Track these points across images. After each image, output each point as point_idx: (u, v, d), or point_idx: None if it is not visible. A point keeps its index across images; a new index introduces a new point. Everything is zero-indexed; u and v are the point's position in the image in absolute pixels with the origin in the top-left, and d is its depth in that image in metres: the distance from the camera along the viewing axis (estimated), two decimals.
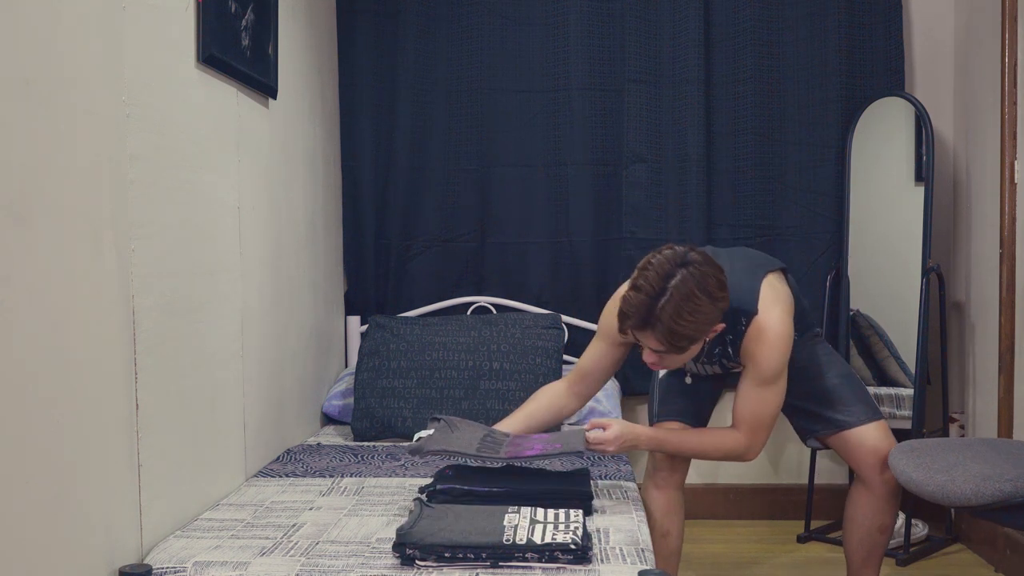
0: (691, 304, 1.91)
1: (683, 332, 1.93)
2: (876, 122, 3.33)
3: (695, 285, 1.91)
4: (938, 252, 3.33)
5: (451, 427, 2.06)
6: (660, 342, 1.96)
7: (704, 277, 1.93)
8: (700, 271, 1.94)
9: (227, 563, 1.64)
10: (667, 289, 1.91)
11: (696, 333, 1.95)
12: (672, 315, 1.91)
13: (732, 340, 2.15)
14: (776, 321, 2.09)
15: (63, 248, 1.49)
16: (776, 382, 2.13)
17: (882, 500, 2.31)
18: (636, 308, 1.94)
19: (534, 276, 3.43)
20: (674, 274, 1.93)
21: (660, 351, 2.00)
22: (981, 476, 1.93)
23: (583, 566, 1.59)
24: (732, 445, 2.16)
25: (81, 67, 1.55)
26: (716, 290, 1.95)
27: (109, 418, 1.62)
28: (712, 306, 1.94)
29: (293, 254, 2.73)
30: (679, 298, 1.91)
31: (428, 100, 3.41)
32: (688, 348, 1.99)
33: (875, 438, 2.29)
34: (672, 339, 1.94)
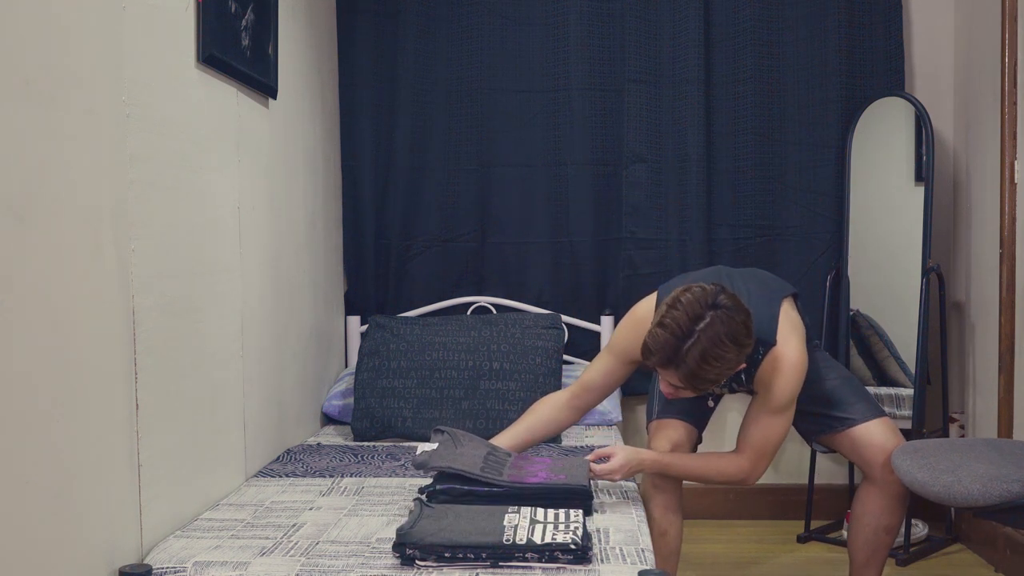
0: (717, 351, 1.90)
1: (707, 376, 1.94)
2: (876, 122, 3.33)
3: (724, 331, 1.90)
4: (938, 252, 3.33)
5: (455, 441, 2.08)
6: (681, 381, 1.97)
7: (733, 323, 1.92)
8: (729, 316, 1.92)
9: (227, 563, 1.64)
10: (695, 332, 1.90)
11: (719, 377, 1.96)
12: (698, 359, 1.90)
13: (747, 369, 2.16)
14: (793, 352, 2.10)
15: (63, 248, 1.48)
16: (787, 411, 2.15)
17: (891, 499, 2.30)
18: (662, 347, 1.93)
19: (534, 276, 3.43)
20: (703, 316, 1.91)
21: (679, 387, 2.01)
22: (987, 477, 1.93)
23: (583, 566, 1.59)
24: (734, 470, 2.17)
25: (81, 67, 1.55)
26: (743, 337, 1.94)
27: (109, 418, 1.62)
28: (738, 353, 1.94)
29: (293, 254, 2.73)
30: (706, 342, 1.89)
31: (428, 100, 3.41)
32: (709, 388, 2.02)
33: (881, 434, 2.29)
34: (694, 381, 1.95)
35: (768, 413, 2.14)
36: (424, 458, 2.00)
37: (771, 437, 2.15)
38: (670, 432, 2.36)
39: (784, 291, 2.22)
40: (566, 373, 3.14)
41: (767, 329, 2.11)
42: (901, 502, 2.31)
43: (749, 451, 2.16)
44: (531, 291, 3.44)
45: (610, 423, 3.05)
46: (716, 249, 3.40)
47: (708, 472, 2.20)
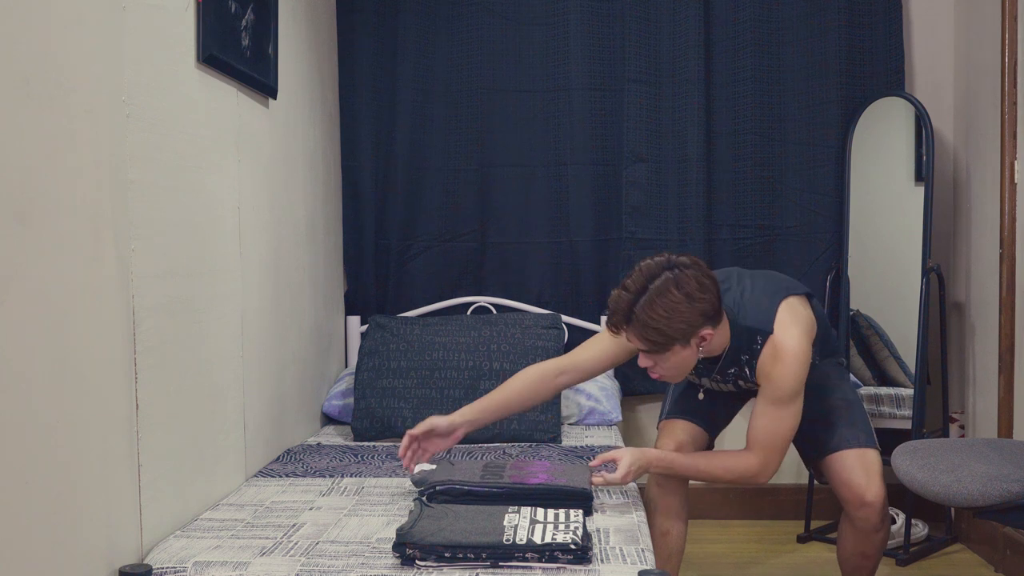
0: (665, 300, 1.94)
1: (655, 326, 1.94)
2: (876, 122, 3.33)
3: (673, 284, 1.95)
4: (938, 252, 3.33)
5: (452, 463, 2.10)
6: (639, 339, 1.99)
7: (685, 278, 1.96)
8: (683, 273, 1.97)
9: (227, 563, 1.64)
10: (648, 289, 1.95)
11: (670, 329, 1.95)
12: (645, 308, 1.94)
13: (748, 360, 2.14)
14: (792, 340, 2.08)
15: (63, 248, 1.49)
16: (791, 403, 2.09)
17: (864, 534, 2.23)
18: (616, 304, 1.99)
19: (534, 276, 3.43)
20: (659, 275, 1.96)
21: (644, 351, 2.02)
22: (987, 476, 1.93)
23: (583, 566, 1.59)
24: (744, 467, 2.12)
25: (81, 67, 1.55)
26: (695, 291, 1.96)
27: (109, 418, 1.62)
28: (688, 305, 1.95)
29: (293, 254, 2.73)
30: (655, 294, 1.94)
31: (428, 100, 3.41)
32: (668, 348, 1.99)
33: (857, 471, 2.20)
34: (647, 334, 1.96)
35: (771, 404, 2.10)
36: (422, 476, 2.02)
37: (777, 430, 2.10)
38: (677, 432, 2.36)
39: (792, 289, 2.20)
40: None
41: (765, 319, 2.10)
42: (873, 536, 2.23)
43: (756, 446, 2.11)
44: (531, 291, 3.44)
45: (610, 423, 3.05)
46: (716, 249, 3.40)
47: (715, 470, 2.15)
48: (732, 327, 2.12)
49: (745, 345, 2.13)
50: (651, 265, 1.99)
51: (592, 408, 3.06)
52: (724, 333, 2.12)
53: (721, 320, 2.08)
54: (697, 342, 2.02)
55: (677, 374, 2.11)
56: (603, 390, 3.10)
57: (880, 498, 2.19)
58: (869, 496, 2.18)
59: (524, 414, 2.80)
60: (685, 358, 2.04)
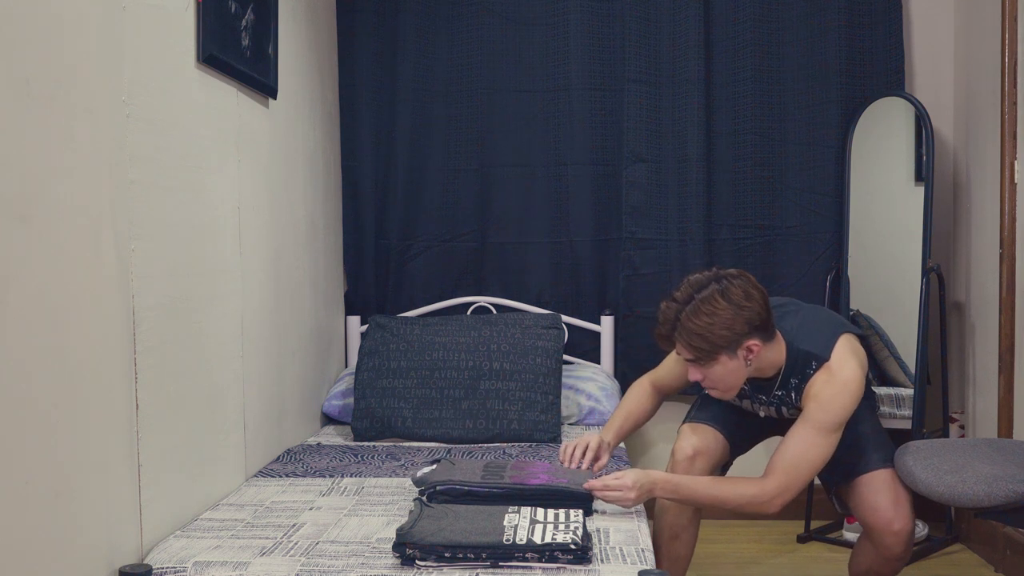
0: (708, 306, 1.96)
1: (699, 332, 1.96)
2: (876, 122, 3.33)
3: (719, 293, 1.98)
4: (938, 252, 3.33)
5: (453, 463, 2.10)
6: (686, 347, 2.01)
7: (730, 287, 1.99)
8: (730, 283, 1.99)
9: (227, 563, 1.64)
10: (694, 299, 1.99)
11: (714, 337, 1.96)
12: (689, 314, 1.97)
13: (797, 384, 2.11)
14: (850, 371, 2.04)
15: (63, 248, 1.49)
16: (831, 433, 2.01)
17: (885, 561, 2.18)
18: (665, 315, 2.02)
19: (534, 276, 3.43)
20: (706, 286, 2.00)
21: (691, 360, 2.04)
22: (992, 477, 1.93)
23: (583, 566, 1.59)
24: (755, 491, 2.01)
25: (81, 67, 1.55)
26: (740, 299, 1.97)
27: (109, 418, 1.62)
28: (731, 311, 1.96)
29: (293, 254, 2.73)
30: (699, 303, 1.97)
31: (428, 100, 3.41)
32: (715, 357, 1.99)
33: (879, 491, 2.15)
34: (692, 341, 1.98)
35: (810, 428, 2.00)
36: (424, 476, 2.02)
37: (807, 456, 2.00)
38: (696, 437, 2.28)
39: (851, 328, 2.16)
40: (566, 373, 3.15)
41: (824, 345, 2.07)
42: (895, 562, 2.19)
43: (778, 470, 2.01)
44: (531, 291, 3.44)
45: None
46: (716, 249, 3.40)
47: (724, 493, 2.04)
48: (788, 349, 2.10)
49: (799, 368, 2.10)
50: (700, 278, 2.03)
51: (592, 408, 3.06)
52: (778, 352, 2.10)
53: (774, 337, 2.07)
54: (744, 354, 2.01)
55: (727, 387, 2.09)
56: (603, 390, 3.10)
57: (907, 528, 2.13)
58: (897, 526, 2.13)
59: (524, 414, 2.80)
60: (733, 370, 2.03)
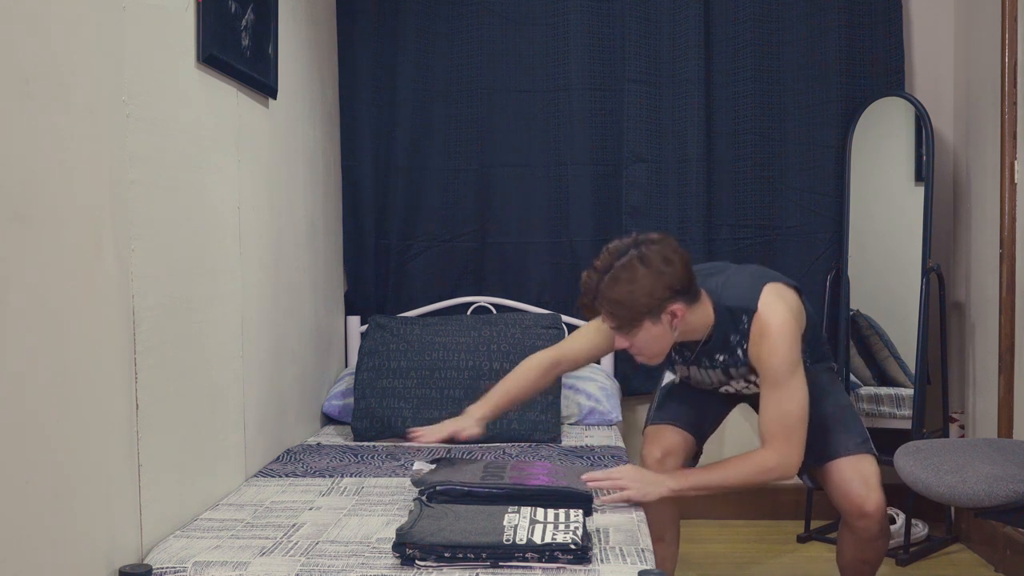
0: (628, 273, 1.97)
1: (619, 300, 1.97)
2: (876, 122, 3.33)
3: (637, 259, 1.98)
4: (938, 252, 3.33)
5: (452, 463, 2.10)
6: (608, 317, 2.02)
7: (649, 253, 1.98)
8: (648, 248, 1.99)
9: (227, 563, 1.64)
10: (613, 266, 1.99)
11: (635, 303, 1.97)
12: (609, 283, 1.97)
13: (739, 341, 2.13)
14: (778, 316, 2.06)
15: (63, 248, 1.48)
16: (791, 380, 2.04)
17: (865, 542, 2.21)
18: (585, 285, 2.03)
19: (534, 276, 3.43)
20: (625, 253, 2.00)
21: (615, 328, 2.04)
22: (992, 477, 1.92)
23: (583, 566, 1.59)
24: (761, 461, 2.05)
25: (81, 67, 1.55)
26: (659, 263, 1.97)
27: (109, 418, 1.62)
28: (651, 276, 1.96)
29: (293, 254, 2.73)
30: (618, 270, 1.98)
31: (428, 100, 3.41)
32: (638, 324, 2.00)
33: (855, 481, 2.16)
34: (614, 309, 1.99)
35: (772, 388, 2.04)
36: (423, 476, 2.02)
37: (786, 412, 2.03)
38: (664, 438, 2.34)
39: (779, 279, 2.18)
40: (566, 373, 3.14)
41: (748, 297, 2.10)
42: (875, 543, 2.21)
43: (769, 440, 2.04)
44: (531, 291, 3.44)
45: (610, 423, 3.04)
46: (716, 249, 3.40)
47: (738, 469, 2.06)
48: (716, 308, 2.12)
49: (732, 326, 2.11)
50: (619, 245, 2.03)
51: (592, 408, 3.06)
52: (705, 314, 2.11)
53: (698, 299, 2.08)
54: (668, 318, 2.02)
55: (653, 354, 2.10)
56: (603, 390, 3.10)
57: (880, 508, 2.17)
58: (868, 507, 2.16)
59: (524, 414, 2.80)
60: (657, 336, 2.04)
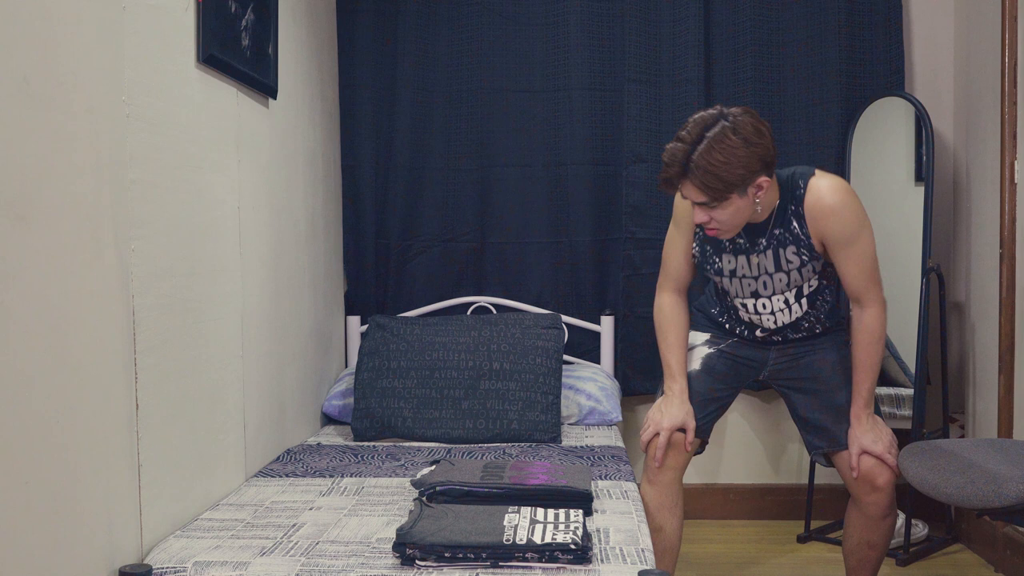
0: (723, 144, 1.97)
1: (715, 172, 1.97)
2: (876, 122, 3.33)
3: (731, 130, 1.98)
4: (938, 252, 3.33)
5: (452, 464, 2.10)
6: (699, 189, 2.01)
7: (741, 124, 2.00)
8: (739, 119, 2.00)
9: (227, 563, 1.64)
10: (704, 138, 1.99)
11: (729, 175, 1.98)
12: (704, 153, 1.97)
13: (795, 210, 2.15)
14: (834, 179, 2.13)
15: (63, 248, 1.49)
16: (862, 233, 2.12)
17: (871, 520, 2.27)
18: (673, 156, 2.02)
19: (534, 276, 3.43)
20: (714, 124, 2.00)
21: (703, 203, 2.04)
22: (1000, 477, 1.92)
23: (583, 566, 1.59)
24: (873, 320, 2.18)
25: (81, 67, 1.55)
26: (752, 135, 1.99)
27: (109, 418, 1.62)
28: (746, 149, 1.98)
29: (293, 254, 2.73)
30: (712, 141, 1.98)
31: (428, 100, 3.41)
32: (727, 196, 2.01)
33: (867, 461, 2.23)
34: (707, 181, 1.98)
35: (847, 246, 2.12)
36: (423, 477, 2.02)
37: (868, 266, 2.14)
38: None
39: None
40: (566, 373, 3.15)
41: (803, 170, 2.16)
42: (881, 523, 2.26)
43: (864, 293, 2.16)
44: (531, 291, 3.44)
45: (610, 423, 3.04)
46: None
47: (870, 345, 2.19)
48: (779, 183, 2.16)
49: (790, 196, 2.14)
50: (705, 116, 2.02)
51: (592, 408, 3.06)
52: (774, 190, 2.15)
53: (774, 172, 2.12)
54: (754, 191, 2.05)
55: (731, 227, 2.12)
56: (603, 390, 3.10)
57: (889, 483, 2.21)
58: (880, 481, 2.20)
59: (524, 414, 2.80)
60: (741, 208, 2.06)
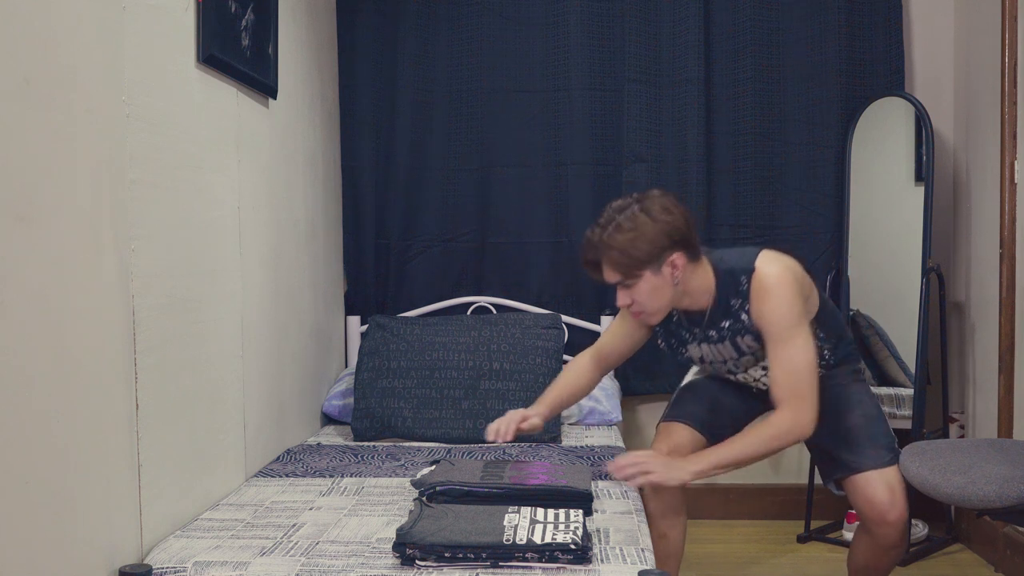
0: (629, 222, 1.98)
1: (623, 248, 1.97)
2: (876, 122, 3.33)
3: (638, 209, 2.00)
4: (938, 252, 3.33)
5: (452, 464, 2.10)
6: (612, 268, 2.02)
7: (649, 203, 2.01)
8: (646, 200, 2.01)
9: (227, 563, 1.64)
10: (615, 220, 2.00)
11: (635, 250, 1.97)
12: (613, 232, 1.98)
13: (741, 304, 2.12)
14: (775, 270, 2.08)
15: (63, 248, 1.49)
16: (795, 335, 2.02)
17: (880, 549, 2.21)
18: (588, 240, 2.03)
19: (534, 276, 3.43)
20: (625, 208, 2.01)
21: (618, 282, 2.04)
22: (1002, 478, 1.91)
23: (583, 566, 1.59)
24: (778, 424, 2.01)
25: (81, 67, 1.55)
26: (659, 212, 1.99)
27: (109, 418, 1.62)
28: (652, 225, 1.98)
29: (293, 254, 2.73)
30: (620, 220, 1.99)
31: (428, 100, 3.41)
32: (639, 273, 2.00)
33: (879, 489, 2.15)
34: (616, 258, 1.99)
35: (777, 345, 2.03)
36: (423, 477, 2.02)
37: (794, 370, 2.00)
38: (671, 436, 2.31)
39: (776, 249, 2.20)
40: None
41: (747, 260, 2.11)
42: (890, 550, 2.20)
43: (781, 399, 2.02)
44: (531, 291, 3.44)
45: (610, 423, 3.05)
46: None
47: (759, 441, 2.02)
48: (716, 273, 2.13)
49: (732, 289, 2.11)
50: (620, 202, 2.05)
51: (592, 408, 3.06)
52: (706, 276, 2.12)
53: (699, 259, 2.10)
54: (669, 270, 2.03)
55: (655, 309, 2.10)
56: (603, 390, 3.10)
57: (902, 518, 2.15)
58: (892, 516, 2.14)
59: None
60: (658, 287, 2.04)
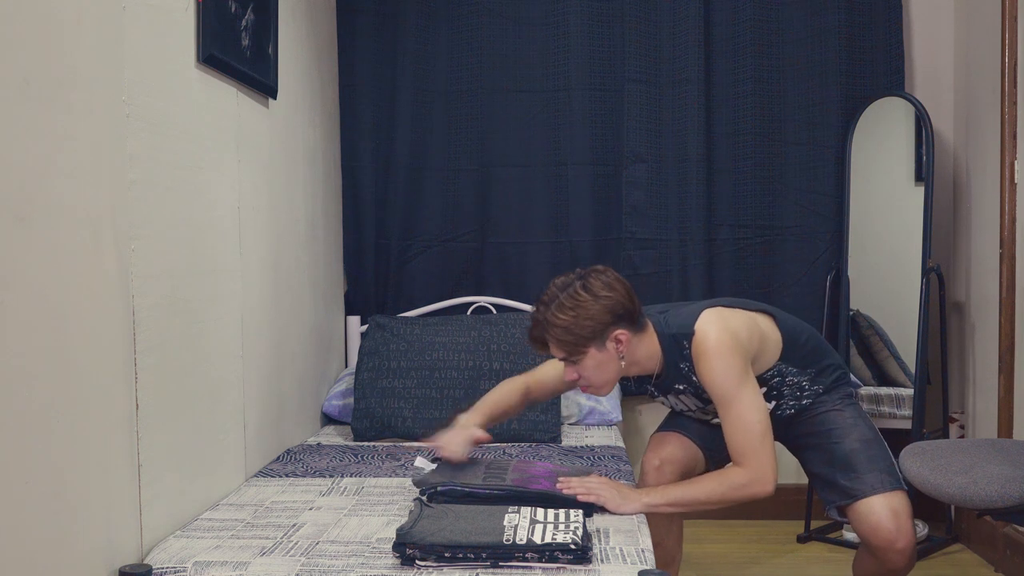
0: (571, 300, 1.99)
1: (565, 326, 1.97)
2: (876, 122, 3.33)
3: (580, 287, 2.00)
4: (938, 252, 3.33)
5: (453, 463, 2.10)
6: (556, 345, 2.02)
7: (591, 280, 2.01)
8: (589, 277, 2.02)
9: (227, 563, 1.64)
10: (557, 297, 2.01)
11: (578, 328, 1.97)
12: (556, 311, 1.99)
13: (688, 368, 2.11)
14: (712, 333, 2.03)
15: (63, 248, 1.48)
16: (740, 395, 2.00)
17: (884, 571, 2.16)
18: (533, 318, 2.04)
19: (534, 276, 3.43)
20: (568, 285, 2.02)
21: (564, 358, 2.05)
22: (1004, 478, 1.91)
23: (583, 566, 1.59)
24: (734, 478, 2.02)
25: (81, 67, 1.55)
26: (600, 289, 2.00)
27: (109, 418, 1.62)
28: (594, 303, 1.98)
29: (293, 254, 2.73)
30: (563, 298, 2.00)
31: (428, 100, 3.41)
32: (583, 350, 2.00)
33: (881, 514, 2.10)
34: (560, 336, 1.99)
35: (725, 407, 2.01)
36: (424, 476, 2.01)
37: (745, 429, 1.99)
38: (664, 447, 2.30)
39: (722, 302, 2.16)
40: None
41: (688, 322, 2.09)
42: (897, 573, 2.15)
43: (738, 459, 2.02)
44: (531, 291, 3.43)
45: (610, 423, 3.05)
46: (716, 249, 3.40)
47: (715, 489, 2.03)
48: (661, 339, 2.11)
49: (677, 354, 2.11)
50: (563, 279, 2.05)
51: (592, 408, 3.06)
52: (651, 345, 2.10)
53: (644, 329, 2.09)
54: (614, 345, 2.02)
55: (601, 383, 2.09)
56: None
57: (910, 544, 2.12)
58: (900, 544, 2.11)
59: (524, 414, 2.80)
60: (603, 362, 2.03)
